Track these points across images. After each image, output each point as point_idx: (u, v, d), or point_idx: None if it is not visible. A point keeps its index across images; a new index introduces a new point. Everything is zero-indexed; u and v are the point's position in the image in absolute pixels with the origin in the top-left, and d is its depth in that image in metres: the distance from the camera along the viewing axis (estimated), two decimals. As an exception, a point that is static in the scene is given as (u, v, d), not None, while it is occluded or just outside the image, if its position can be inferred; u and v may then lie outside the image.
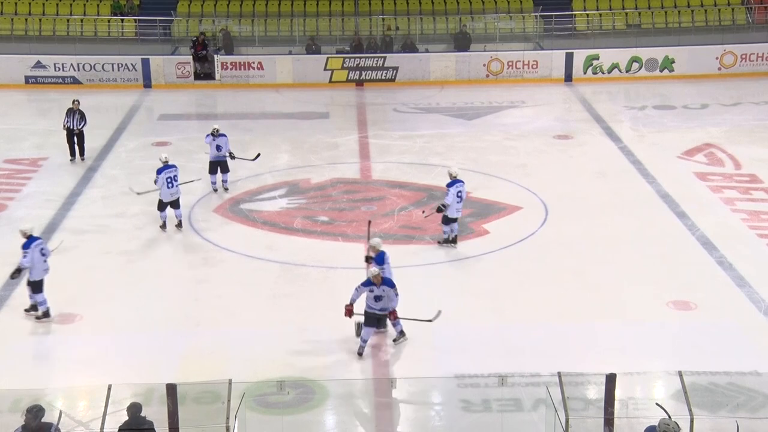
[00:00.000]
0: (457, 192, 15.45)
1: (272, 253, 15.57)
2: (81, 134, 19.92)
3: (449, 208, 15.45)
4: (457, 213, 15.61)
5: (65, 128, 19.83)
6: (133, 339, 12.71)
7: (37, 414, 8.92)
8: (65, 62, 26.62)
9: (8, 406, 10.41)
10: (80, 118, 19.78)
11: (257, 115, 24.73)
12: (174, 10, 29.99)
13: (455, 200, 15.43)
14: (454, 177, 15.64)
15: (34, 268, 13.05)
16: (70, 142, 19.89)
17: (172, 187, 16.07)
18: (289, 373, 11.65)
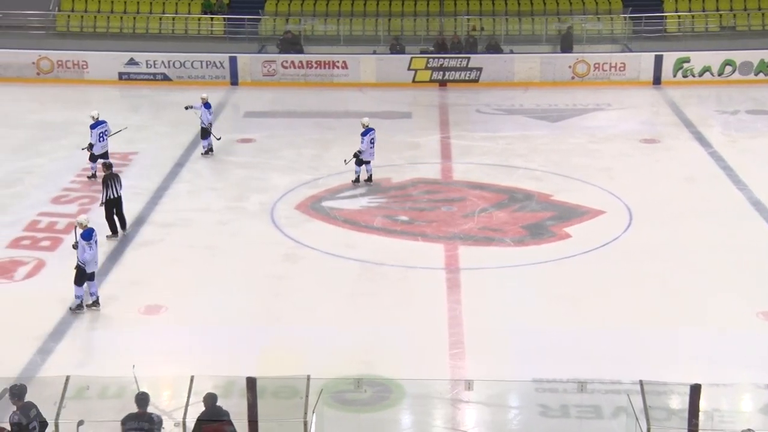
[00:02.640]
0: (370, 139, 18.69)
1: (352, 252, 15.67)
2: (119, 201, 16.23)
3: (364, 152, 18.63)
4: (371, 156, 18.83)
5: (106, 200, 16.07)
6: (215, 332, 12.94)
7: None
8: (156, 59, 27.28)
9: (97, 392, 10.72)
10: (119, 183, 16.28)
11: (340, 114, 24.91)
12: (262, 9, 30.45)
13: (369, 146, 18.65)
14: (366, 126, 18.82)
15: (88, 261, 13.19)
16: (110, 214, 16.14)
17: (103, 140, 18.22)
18: (367, 371, 11.69)
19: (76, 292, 13.29)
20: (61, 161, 20.11)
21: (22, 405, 9.23)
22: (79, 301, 13.34)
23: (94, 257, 13.33)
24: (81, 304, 13.34)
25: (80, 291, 13.29)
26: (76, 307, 13.34)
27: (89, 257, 13.17)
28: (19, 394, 9.28)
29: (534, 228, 16.67)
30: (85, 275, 13.22)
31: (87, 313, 13.34)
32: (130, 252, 15.57)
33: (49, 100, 25.20)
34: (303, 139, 22.18)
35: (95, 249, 13.29)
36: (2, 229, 16.20)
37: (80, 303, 13.34)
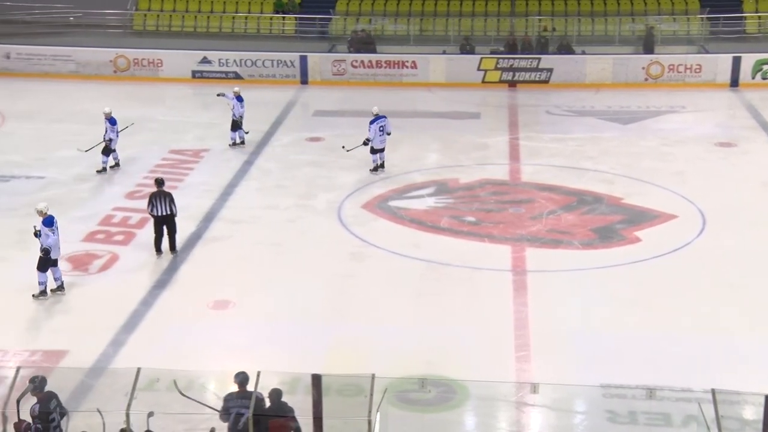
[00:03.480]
0: (378, 127, 19.05)
1: (418, 251, 15.66)
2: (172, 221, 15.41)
3: (373, 140, 18.99)
4: (381, 144, 19.19)
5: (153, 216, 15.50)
6: (281, 328, 13.06)
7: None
8: (228, 58, 27.69)
9: (166, 385, 10.90)
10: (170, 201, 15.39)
11: (408, 114, 24.91)
12: (333, 8, 30.66)
13: (377, 134, 19.01)
14: (375, 114, 19.18)
15: (53, 247, 13.52)
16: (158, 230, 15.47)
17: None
18: (431, 371, 11.67)
19: (40, 278, 13.63)
20: (135, 157, 20.51)
21: (42, 396, 9.43)
22: (42, 287, 13.69)
23: (57, 243, 13.61)
24: (45, 291, 13.70)
25: (43, 277, 13.67)
26: (40, 293, 13.68)
27: (52, 242, 13.50)
28: (39, 386, 9.47)
29: (603, 231, 16.43)
30: (49, 261, 13.58)
31: (151, 307, 13.57)
32: (199, 248, 15.82)
33: (124, 98, 25.75)
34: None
35: (57, 235, 13.58)
36: (78, 223, 16.61)
37: (44, 289, 13.69)
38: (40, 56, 27.78)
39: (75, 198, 17.96)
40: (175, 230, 15.30)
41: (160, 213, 15.06)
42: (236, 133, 21.28)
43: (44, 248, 13.53)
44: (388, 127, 19.36)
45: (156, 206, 15.05)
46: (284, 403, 9.41)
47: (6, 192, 18.10)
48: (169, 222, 15.22)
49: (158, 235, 15.19)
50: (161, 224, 15.16)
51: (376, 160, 19.43)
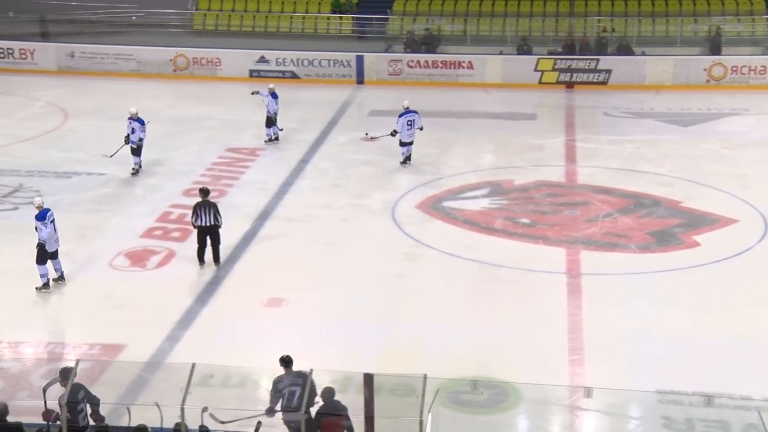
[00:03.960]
0: (406, 121, 19.50)
1: (471, 252, 15.60)
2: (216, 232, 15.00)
3: (401, 133, 19.49)
4: (410, 137, 19.66)
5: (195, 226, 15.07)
6: (334, 326, 13.12)
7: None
8: (286, 57, 27.87)
9: (220, 381, 11.04)
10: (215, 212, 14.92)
11: (464, 114, 24.83)
12: (390, 8, 30.69)
13: (405, 127, 19.49)
14: (406, 108, 19.62)
15: (48, 240, 13.79)
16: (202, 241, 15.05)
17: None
18: (484, 373, 11.62)
19: (40, 271, 13.93)
20: (193, 155, 20.82)
21: (70, 387, 9.62)
22: (44, 279, 13.97)
23: (52, 236, 13.88)
24: (47, 283, 13.98)
25: (43, 270, 13.95)
26: (43, 286, 13.96)
27: (46, 236, 13.77)
28: (67, 376, 9.67)
29: (661, 235, 16.18)
30: (47, 254, 13.85)
31: (206, 303, 13.74)
32: (254, 245, 15.97)
33: (184, 96, 26.14)
34: (426, 139, 22.14)
35: (50, 228, 13.82)
36: (137, 219, 16.91)
37: (46, 282, 13.97)
38: (103, 55, 28.32)
39: (134, 195, 18.28)
40: (219, 241, 14.93)
41: (204, 223, 14.70)
42: (271, 129, 21.53)
43: (39, 242, 13.80)
44: (418, 122, 19.68)
45: (200, 216, 14.70)
46: (337, 401, 9.45)
47: (68, 188, 18.50)
48: (213, 233, 14.83)
49: (201, 246, 14.84)
50: (205, 235, 14.79)
51: (404, 152, 19.84)
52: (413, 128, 19.67)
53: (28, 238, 15.78)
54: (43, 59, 28.31)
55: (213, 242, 14.86)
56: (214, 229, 14.79)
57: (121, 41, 29.03)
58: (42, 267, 13.98)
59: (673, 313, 13.38)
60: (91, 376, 11.14)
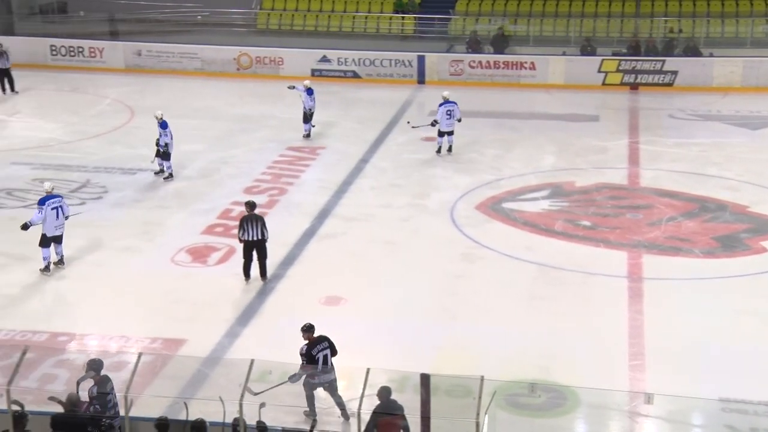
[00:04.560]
0: (446, 111, 20.09)
1: (531, 254, 15.47)
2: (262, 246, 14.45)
3: (441, 123, 20.07)
4: (448, 127, 20.24)
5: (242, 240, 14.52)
6: (391, 326, 13.13)
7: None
8: (348, 57, 27.99)
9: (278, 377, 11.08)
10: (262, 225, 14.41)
11: (525, 115, 24.64)
12: (452, 8, 30.61)
13: (445, 117, 20.08)
14: (445, 99, 20.24)
15: (45, 224, 14.44)
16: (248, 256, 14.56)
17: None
18: (541, 376, 11.52)
19: (42, 254, 14.56)
20: (254, 153, 21.04)
21: (100, 379, 9.79)
22: (45, 262, 14.57)
23: (45, 220, 14.43)
24: (48, 266, 14.57)
25: (45, 252, 14.55)
26: (44, 268, 14.57)
27: (36, 219, 14.48)
28: (96, 368, 9.87)
29: (726, 240, 15.84)
30: (46, 239, 14.50)
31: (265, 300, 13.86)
32: (313, 244, 16.06)
33: (246, 95, 26.42)
34: (486, 139, 22.11)
35: (44, 213, 14.42)
36: (199, 216, 17.14)
37: (47, 264, 14.57)
38: (168, 54, 28.79)
39: (196, 191, 18.53)
40: (266, 255, 14.35)
41: (252, 238, 14.14)
42: (308, 124, 21.84)
43: (25, 222, 14.59)
44: (457, 113, 20.30)
45: (247, 230, 14.13)
46: (393, 401, 9.46)
47: (133, 185, 18.84)
48: (260, 247, 14.26)
49: (248, 261, 14.27)
50: (251, 249, 14.23)
51: (441, 142, 20.43)
52: (452, 118, 20.22)
53: (93, 232, 16.15)
54: (112, 57, 28.91)
55: (260, 257, 14.31)
56: (261, 243, 14.25)
57: (186, 40, 29.47)
58: (44, 250, 14.60)
59: (738, 319, 13.08)
60: (152, 370, 11.34)
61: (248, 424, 8.97)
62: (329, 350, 10.79)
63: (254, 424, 9.17)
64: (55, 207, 14.67)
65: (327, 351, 10.77)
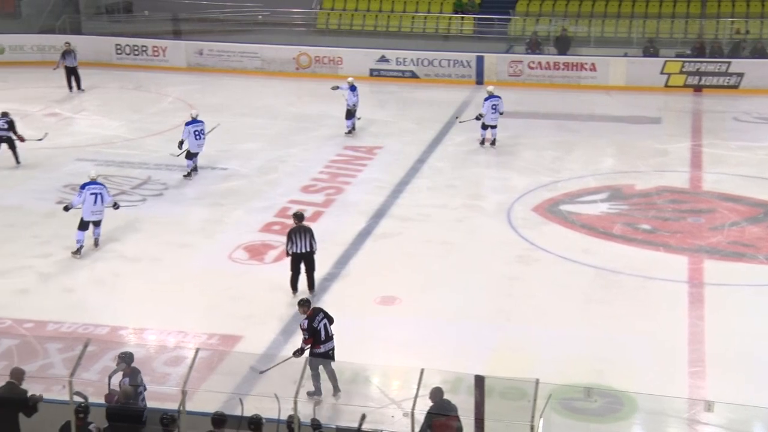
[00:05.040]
0: (491, 105, 20.67)
1: (588, 257, 15.28)
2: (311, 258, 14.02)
3: (486, 116, 20.61)
4: (493, 121, 20.80)
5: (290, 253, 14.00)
6: (446, 327, 13.09)
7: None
8: (406, 57, 28.01)
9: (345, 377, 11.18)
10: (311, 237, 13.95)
11: (584, 117, 24.36)
12: (513, 9, 30.40)
13: (490, 111, 20.63)
14: (490, 93, 20.91)
15: (84, 208, 15.15)
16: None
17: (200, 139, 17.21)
18: (597, 380, 11.37)
19: (77, 236, 15.19)
20: (312, 152, 21.17)
21: (129, 371, 9.91)
22: (78, 245, 15.17)
23: (83, 205, 15.14)
24: (79, 249, 15.17)
25: (80, 236, 15.18)
26: (76, 251, 15.19)
27: (76, 203, 15.27)
28: (128, 361, 10.00)
29: (792, 246, 15.46)
30: (83, 222, 15.19)
31: (320, 299, 13.92)
32: (369, 243, 16.09)
33: (305, 94, 26.60)
34: (544, 141, 21.92)
35: (83, 197, 15.15)
36: (257, 214, 17.30)
37: (79, 248, 15.17)
38: (229, 53, 29.15)
39: (254, 189, 18.71)
40: (314, 267, 13.96)
41: (300, 250, 13.72)
42: (350, 121, 22.05)
43: (66, 204, 15.60)
44: (501, 106, 20.94)
45: (295, 243, 13.70)
46: (447, 401, 9.42)
47: (192, 182, 19.09)
48: (308, 259, 13.85)
49: (295, 274, 13.84)
50: (299, 262, 13.81)
51: (484, 134, 21.03)
52: (497, 112, 20.78)
53: (155, 228, 16.42)
54: (174, 56, 29.38)
55: (308, 269, 13.91)
56: (310, 255, 13.86)
57: (246, 39, 29.81)
58: (79, 233, 15.20)
59: (803, 328, 12.75)
60: (209, 365, 11.47)
61: (303, 421, 9.01)
62: (327, 320, 11.28)
63: (309, 421, 9.21)
64: (95, 193, 15.32)
65: (325, 321, 11.25)
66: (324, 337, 11.18)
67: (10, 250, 15.53)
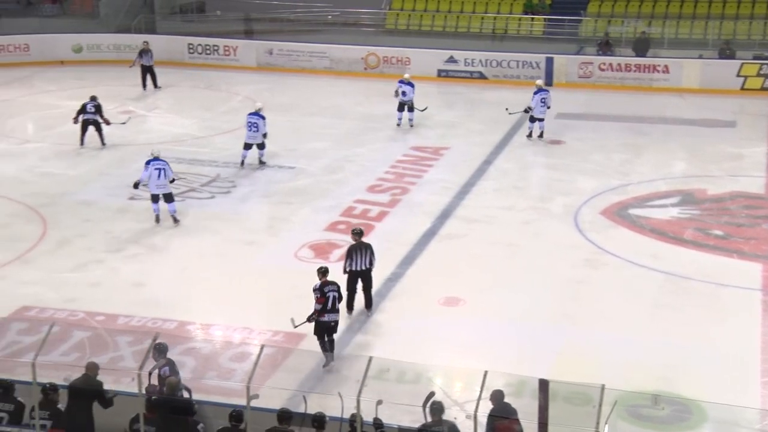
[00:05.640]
0: (540, 98, 21.25)
1: (657, 262, 15.01)
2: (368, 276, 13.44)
3: (535, 109, 21.22)
4: (541, 114, 21.37)
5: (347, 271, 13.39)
6: (510, 329, 13.01)
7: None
8: (474, 58, 27.89)
9: (396, 376, 11.19)
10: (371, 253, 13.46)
11: (656, 120, 23.92)
12: (584, 9, 30.03)
13: (539, 104, 21.24)
14: (539, 87, 21.67)
15: (150, 182, 16.31)
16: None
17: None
18: (665, 387, 11.15)
19: (152, 208, 16.58)
20: (378, 152, 21.24)
21: (166, 361, 10.01)
22: (156, 213, 16.56)
23: (149, 179, 16.29)
24: (157, 217, 16.58)
25: (154, 207, 16.56)
26: (155, 219, 16.58)
27: (143, 178, 16.47)
28: (164, 352, 10.10)
29: None
30: (152, 196, 16.46)
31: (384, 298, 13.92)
32: (433, 244, 16.06)
33: (373, 94, 26.67)
34: (614, 144, 21.61)
35: (149, 172, 16.30)
36: (323, 213, 17.42)
37: (156, 215, 16.57)
38: (298, 53, 29.42)
39: (321, 188, 18.84)
40: (371, 285, 13.38)
41: (359, 267, 13.14)
42: (401, 113, 22.73)
43: (135, 181, 16.78)
44: (549, 100, 21.53)
45: (355, 260, 13.12)
46: (507, 404, 9.35)
47: (261, 180, 19.33)
48: (366, 276, 13.26)
49: (352, 293, 13.23)
50: (357, 280, 13.22)
51: (532, 127, 21.60)
52: (545, 106, 21.36)
53: (223, 225, 16.67)
54: (245, 56, 29.77)
55: (365, 286, 13.33)
56: (368, 272, 13.29)
57: (316, 39, 30.05)
58: (153, 205, 16.57)
59: None
60: (273, 362, 11.59)
61: (365, 420, 9.04)
62: (337, 293, 12.09)
63: (371, 420, 9.24)
64: (159, 168, 16.36)
65: (336, 293, 12.07)
66: (330, 307, 12.00)
67: (86, 245, 15.92)
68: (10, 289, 14.18)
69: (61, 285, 14.33)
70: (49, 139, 22.07)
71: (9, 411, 9.59)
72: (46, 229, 16.52)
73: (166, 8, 33.91)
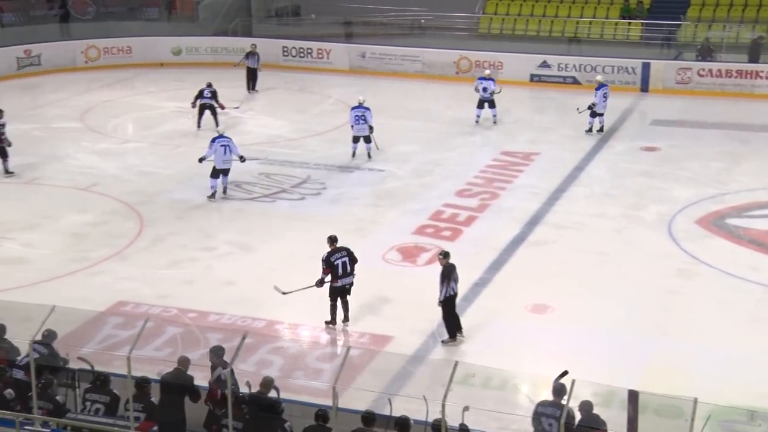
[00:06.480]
0: (603, 94, 21.98)
1: (756, 275, 14.54)
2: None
3: (598, 105, 21.94)
4: (603, 109, 22.12)
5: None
6: (599, 338, 12.80)
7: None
8: (568, 63, 27.53)
9: (481, 381, 11.13)
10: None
11: (757, 128, 23.18)
12: (684, 14, 29.31)
13: (602, 99, 21.95)
14: (599, 83, 22.22)
15: (216, 158, 17.62)
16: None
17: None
18: (763, 403, 10.77)
19: (210, 183, 17.85)
20: (467, 156, 21.16)
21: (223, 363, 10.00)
22: (212, 191, 17.86)
23: (214, 155, 17.61)
24: (213, 194, 17.85)
25: (213, 182, 17.84)
26: (210, 195, 17.85)
27: (208, 154, 17.76)
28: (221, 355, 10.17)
29: None
30: (215, 171, 17.72)
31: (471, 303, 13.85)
32: (522, 250, 15.91)
33: (464, 98, 26.49)
34: (711, 151, 21.02)
35: (214, 148, 17.66)
36: (411, 216, 17.45)
37: (212, 193, 17.85)
38: (391, 56, 29.56)
39: (409, 192, 18.88)
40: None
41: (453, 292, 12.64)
42: (481, 110, 23.20)
43: (200, 157, 17.95)
44: (609, 94, 22.33)
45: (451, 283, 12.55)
46: (596, 415, 9.20)
47: (350, 182, 19.49)
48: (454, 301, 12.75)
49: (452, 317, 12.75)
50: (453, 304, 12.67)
51: (592, 122, 22.17)
52: (607, 100, 22.10)
53: (312, 226, 16.87)
54: (338, 59, 30.09)
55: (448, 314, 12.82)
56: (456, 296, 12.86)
57: (408, 43, 30.14)
58: (212, 180, 17.81)
59: None
60: (359, 364, 11.67)
61: (450, 425, 9.02)
62: (348, 258, 12.81)
63: (456, 426, 9.21)
64: (224, 145, 17.79)
65: (345, 258, 12.79)
66: (341, 272, 12.74)
67: (180, 242, 16.35)
68: (108, 284, 14.67)
69: (156, 281, 14.75)
70: (147, 138, 22.75)
71: (105, 402, 9.93)
72: (143, 226, 17.03)
73: (263, 12, 34.54)
